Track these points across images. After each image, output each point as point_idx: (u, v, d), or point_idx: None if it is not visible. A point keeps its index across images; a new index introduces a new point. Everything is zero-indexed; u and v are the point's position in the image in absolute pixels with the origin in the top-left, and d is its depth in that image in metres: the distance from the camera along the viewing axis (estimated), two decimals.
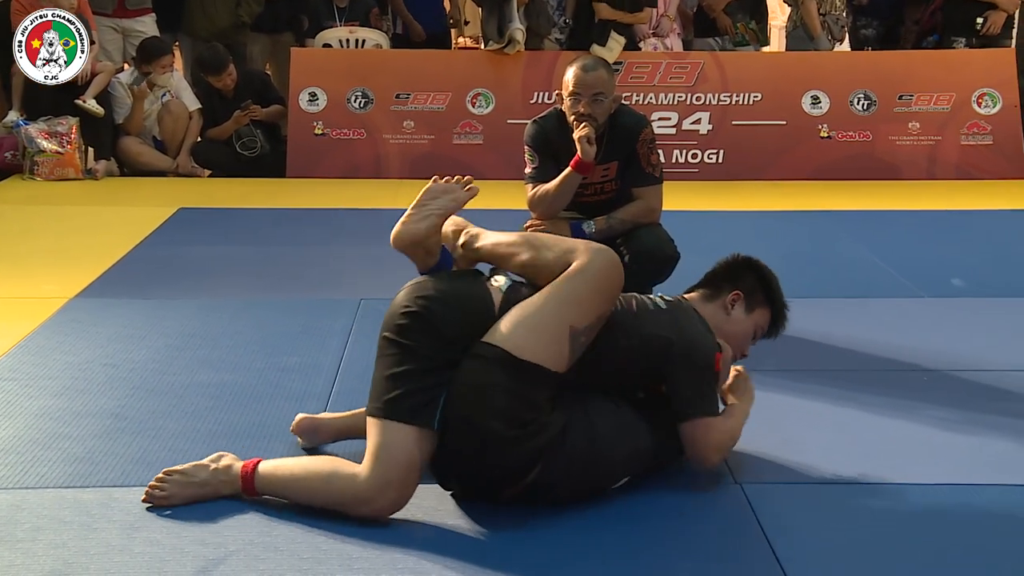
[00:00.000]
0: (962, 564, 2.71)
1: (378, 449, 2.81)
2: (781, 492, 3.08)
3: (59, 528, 2.80)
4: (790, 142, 8.21)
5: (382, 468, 2.80)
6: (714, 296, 3.28)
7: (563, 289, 2.89)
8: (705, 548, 2.79)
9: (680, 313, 3.11)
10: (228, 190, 7.48)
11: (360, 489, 2.81)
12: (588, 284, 2.91)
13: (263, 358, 4.09)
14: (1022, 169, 8.19)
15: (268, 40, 8.87)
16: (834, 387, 3.88)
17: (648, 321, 3.05)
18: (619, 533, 2.83)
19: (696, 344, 3.03)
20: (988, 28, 8.37)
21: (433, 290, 2.92)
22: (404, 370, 2.84)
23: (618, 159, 4.29)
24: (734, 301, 3.26)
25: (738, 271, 3.34)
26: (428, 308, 2.87)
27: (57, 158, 7.61)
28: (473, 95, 8.22)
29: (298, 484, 2.88)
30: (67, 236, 6.09)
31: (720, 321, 3.22)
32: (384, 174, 8.00)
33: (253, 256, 5.70)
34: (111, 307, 4.70)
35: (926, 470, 3.23)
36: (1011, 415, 3.65)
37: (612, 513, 2.93)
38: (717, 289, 3.29)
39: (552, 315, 2.87)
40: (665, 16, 8.61)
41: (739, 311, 3.27)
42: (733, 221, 6.70)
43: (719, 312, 3.24)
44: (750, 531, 2.85)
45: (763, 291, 3.32)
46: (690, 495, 3.06)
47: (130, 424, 3.47)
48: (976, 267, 5.62)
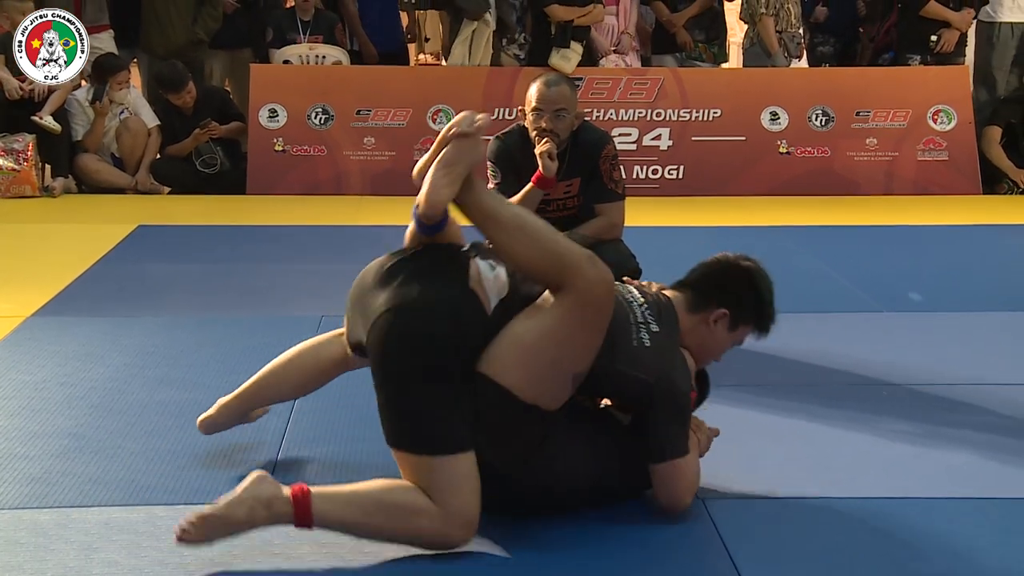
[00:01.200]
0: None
1: (446, 488, 2.68)
2: (743, 507, 3.08)
3: (14, 550, 2.75)
4: (749, 158, 8.26)
5: (460, 505, 2.68)
6: (700, 307, 3.09)
7: (565, 332, 2.75)
8: (668, 564, 2.79)
9: (663, 349, 2.94)
10: (188, 207, 7.44)
11: (444, 530, 2.69)
12: (591, 325, 2.76)
13: (223, 376, 4.05)
14: (977, 185, 8.29)
15: (227, 56, 8.84)
16: (794, 401, 3.90)
17: (625, 357, 2.89)
18: (579, 548, 2.82)
19: (675, 388, 2.92)
20: (942, 46, 8.47)
21: (422, 303, 2.73)
22: (433, 401, 2.71)
23: (580, 175, 4.30)
24: (719, 319, 3.10)
25: (732, 284, 3.15)
26: (430, 334, 2.71)
27: (13, 175, 7.55)
28: (434, 111, 8.22)
29: (368, 522, 2.69)
30: (24, 254, 6.03)
31: (700, 335, 3.10)
32: (345, 191, 7.99)
33: (213, 273, 5.67)
34: (69, 326, 4.66)
35: (887, 483, 3.24)
36: (969, 428, 3.67)
37: (573, 528, 2.92)
38: (705, 301, 3.10)
39: (556, 363, 2.76)
40: (625, 33, 8.65)
41: (722, 328, 3.12)
42: (693, 236, 6.72)
43: (701, 326, 3.09)
44: (712, 546, 2.84)
45: (753, 309, 3.15)
46: (649, 510, 3.05)
47: (88, 444, 3.43)
48: (933, 281, 5.68)
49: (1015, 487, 3.24)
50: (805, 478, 3.27)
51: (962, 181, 8.30)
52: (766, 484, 3.21)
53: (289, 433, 3.52)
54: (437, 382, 2.72)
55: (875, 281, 5.60)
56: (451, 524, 2.69)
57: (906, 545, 2.88)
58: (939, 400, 3.96)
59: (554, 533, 2.89)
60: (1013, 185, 8.20)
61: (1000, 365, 4.35)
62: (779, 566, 2.76)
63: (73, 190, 7.93)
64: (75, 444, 3.42)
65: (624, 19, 8.66)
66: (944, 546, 2.87)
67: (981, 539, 2.92)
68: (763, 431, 3.65)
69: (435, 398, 2.72)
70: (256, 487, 2.65)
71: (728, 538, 2.87)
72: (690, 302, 3.11)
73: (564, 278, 2.75)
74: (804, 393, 3.99)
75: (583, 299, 2.74)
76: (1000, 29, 8.58)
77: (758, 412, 3.82)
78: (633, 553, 2.82)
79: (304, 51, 8.61)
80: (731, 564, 2.75)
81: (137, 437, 3.49)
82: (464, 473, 2.71)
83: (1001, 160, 8.25)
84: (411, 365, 2.72)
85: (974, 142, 8.35)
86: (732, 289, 3.14)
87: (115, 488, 3.12)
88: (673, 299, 3.11)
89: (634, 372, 2.87)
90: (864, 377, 4.19)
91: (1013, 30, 8.59)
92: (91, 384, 3.97)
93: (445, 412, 2.72)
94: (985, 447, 3.52)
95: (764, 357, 4.37)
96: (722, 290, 3.13)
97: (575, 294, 2.74)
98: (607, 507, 3.03)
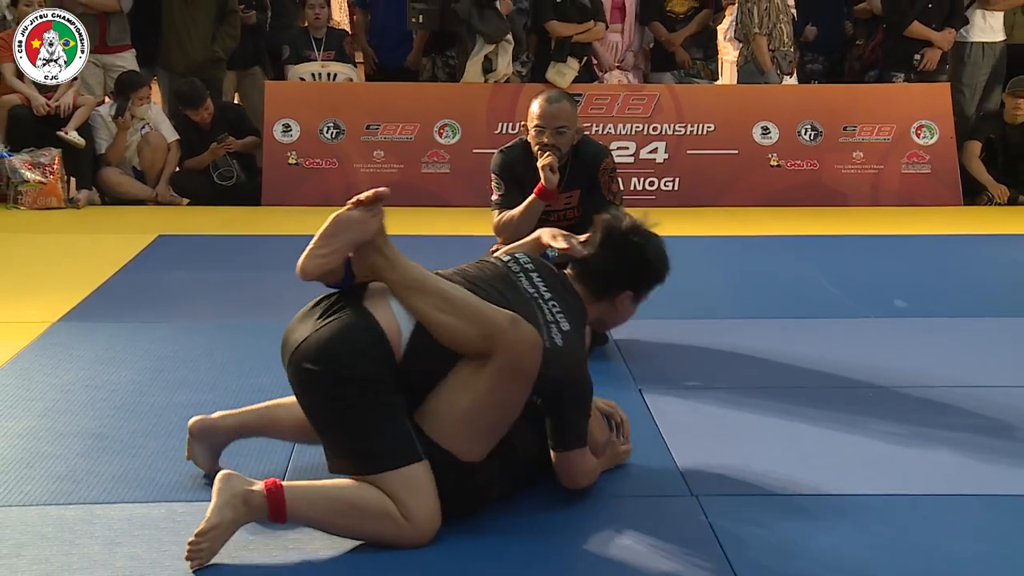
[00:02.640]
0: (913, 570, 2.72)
1: (408, 497, 2.71)
2: (735, 503, 3.08)
3: (42, 544, 2.76)
4: (742, 170, 8.26)
5: (419, 509, 2.71)
6: (604, 294, 3.12)
7: (499, 397, 2.78)
8: (663, 558, 2.79)
9: (573, 347, 2.95)
10: (206, 218, 7.45)
11: (407, 535, 2.71)
12: (522, 385, 2.79)
13: (238, 379, 4.07)
14: (958, 196, 8.29)
15: (236, 75, 8.86)
16: (785, 403, 3.90)
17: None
18: (573, 543, 2.83)
19: (582, 385, 2.96)
20: (925, 64, 8.49)
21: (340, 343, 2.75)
22: (376, 424, 2.74)
23: (580, 187, 4.32)
24: (624, 298, 3.15)
25: (630, 266, 3.14)
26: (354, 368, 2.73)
27: (40, 188, 7.56)
28: (440, 126, 8.23)
29: (339, 520, 2.73)
30: (50, 263, 6.04)
31: (607, 313, 3.15)
32: None
33: (230, 281, 5.67)
34: (92, 331, 4.67)
35: (874, 481, 3.25)
36: (952, 428, 3.68)
37: (563, 523, 2.93)
38: (608, 287, 3.11)
39: (493, 427, 2.82)
40: (629, 51, 8.70)
41: (627, 303, 3.16)
42: (688, 246, 6.70)
43: (607, 308, 3.14)
44: (706, 541, 2.85)
45: (652, 279, 3.19)
46: (646, 507, 3.06)
47: (111, 443, 3.43)
48: (918, 288, 5.67)
49: (996, 484, 3.24)
50: (795, 476, 3.27)
51: (944, 193, 8.30)
52: (758, 481, 3.22)
53: None
54: (358, 407, 2.73)
55: (861, 288, 5.60)
56: (413, 528, 2.72)
57: (892, 540, 2.88)
58: (923, 402, 3.96)
59: (545, 527, 2.90)
60: (992, 197, 8.20)
61: (981, 368, 4.35)
62: (770, 559, 2.76)
63: (96, 202, 7.94)
64: (99, 444, 3.43)
65: (628, 36, 8.69)
66: (928, 540, 2.88)
67: (963, 534, 2.92)
68: (754, 431, 3.65)
69: (361, 422, 2.74)
70: (229, 485, 2.68)
71: (721, 533, 2.87)
72: (594, 292, 3.12)
73: (490, 345, 2.75)
74: (794, 395, 3.99)
75: (511, 364, 2.76)
76: (971, 48, 8.60)
77: (749, 413, 3.82)
78: (628, 547, 2.82)
79: (316, 68, 8.64)
80: (723, 557, 2.75)
81: (158, 437, 3.49)
82: (417, 482, 2.73)
83: (981, 173, 8.25)
84: (326, 397, 2.76)
85: (955, 156, 8.36)
86: (631, 270, 3.14)
87: (137, 486, 3.12)
88: (578, 289, 3.11)
89: (548, 371, 2.85)
90: (851, 380, 4.19)
91: (984, 50, 8.60)
92: (114, 387, 3.98)
93: (384, 428, 2.73)
94: (967, 446, 3.52)
95: (756, 361, 4.38)
96: (622, 275, 3.13)
97: (502, 360, 2.75)
98: (601, 503, 3.04)
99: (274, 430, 3.21)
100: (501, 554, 2.76)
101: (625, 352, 4.44)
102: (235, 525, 2.68)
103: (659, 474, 3.27)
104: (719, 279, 5.93)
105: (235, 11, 8.47)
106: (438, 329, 2.78)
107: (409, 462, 2.73)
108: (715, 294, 5.58)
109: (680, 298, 5.35)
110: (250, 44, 8.79)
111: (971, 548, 2.83)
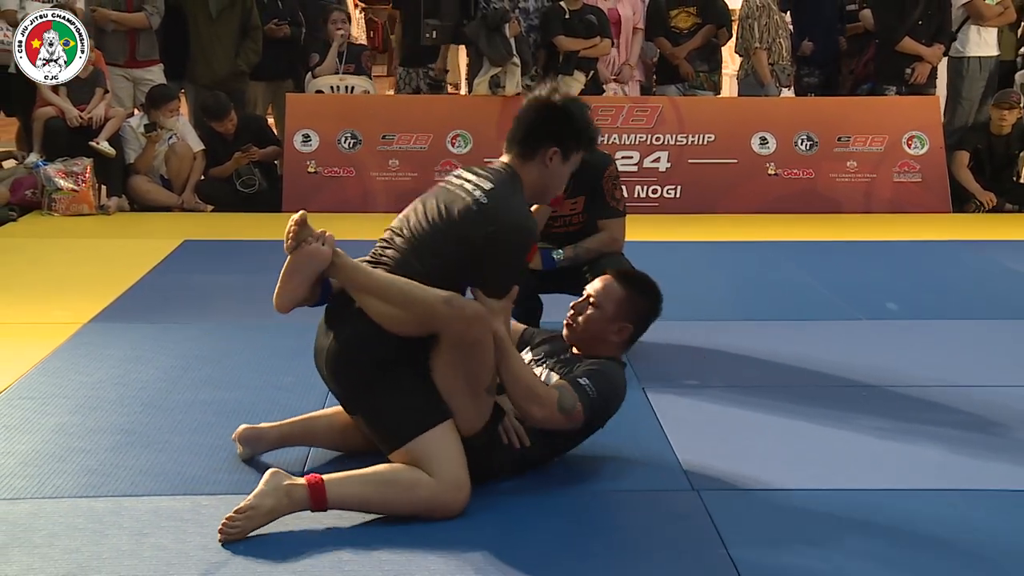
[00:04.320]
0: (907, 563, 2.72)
1: (435, 460, 2.83)
2: (735, 498, 3.08)
3: (73, 534, 2.77)
4: (741, 179, 8.24)
5: (450, 471, 2.83)
6: (532, 155, 3.10)
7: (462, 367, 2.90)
8: (665, 549, 2.78)
9: (499, 200, 2.99)
10: (229, 223, 7.46)
11: (441, 498, 2.82)
12: (474, 352, 2.89)
13: (261, 377, 4.07)
14: (948, 204, 8.26)
15: (269, 87, 8.88)
16: (781, 401, 3.89)
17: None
18: (577, 538, 2.82)
19: (516, 232, 3.01)
20: (915, 78, 8.47)
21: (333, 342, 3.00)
22: (396, 393, 2.90)
23: (585, 193, 4.30)
24: (553, 156, 3.10)
25: (552, 125, 3.10)
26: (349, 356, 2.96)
27: (73, 195, 7.56)
28: (453, 136, 8.23)
29: (375, 498, 2.83)
30: (81, 266, 6.05)
31: (542, 176, 3.12)
32: (371, 208, 7.98)
33: (252, 283, 5.66)
34: (121, 331, 4.67)
35: (867, 476, 3.24)
36: (943, 425, 3.67)
37: (568, 518, 2.92)
38: (535, 148, 3.09)
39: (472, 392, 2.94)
40: (627, 64, 8.66)
41: (557, 163, 3.12)
42: (689, 251, 6.72)
43: (540, 170, 3.11)
44: (707, 533, 2.84)
45: (576, 136, 3.14)
46: (648, 501, 3.06)
47: (139, 439, 3.44)
48: (908, 292, 5.66)
49: (984, 479, 3.23)
50: (792, 471, 3.26)
51: (934, 201, 8.27)
52: (756, 476, 3.21)
53: None
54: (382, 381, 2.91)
55: (855, 291, 5.58)
56: (445, 491, 2.82)
57: (885, 532, 2.87)
58: (913, 400, 3.95)
59: (547, 519, 2.89)
60: (980, 204, 8.18)
61: (969, 368, 4.34)
62: (768, 550, 2.76)
63: (126, 208, 7.95)
64: (127, 439, 3.44)
65: (625, 51, 8.67)
66: (920, 532, 2.87)
67: (953, 526, 2.91)
68: (752, 428, 3.64)
69: (387, 394, 2.90)
70: (275, 479, 2.80)
71: (721, 526, 2.87)
72: (522, 154, 3.11)
73: (431, 325, 2.89)
74: (790, 393, 3.98)
75: (457, 338, 2.89)
76: (969, 63, 8.58)
77: (747, 411, 3.81)
78: (631, 541, 2.82)
79: (335, 81, 8.66)
80: (723, 548, 2.74)
81: (183, 433, 3.50)
82: (446, 441, 2.86)
83: (969, 182, 8.22)
84: (354, 381, 2.94)
85: (945, 165, 8.33)
86: (552, 124, 3.11)
87: (164, 479, 3.13)
88: (510, 161, 3.12)
89: (481, 230, 2.95)
90: (845, 379, 4.18)
91: (981, 63, 8.58)
92: (141, 384, 3.98)
93: (403, 399, 2.89)
94: (956, 442, 3.51)
95: (753, 361, 4.37)
96: (543, 129, 3.10)
97: (449, 337, 2.89)
98: (603, 497, 3.03)
99: (313, 440, 3.32)
100: (501, 545, 2.75)
101: (629, 352, 4.42)
102: (273, 514, 2.76)
103: (661, 469, 3.26)
104: (719, 283, 5.91)
105: (258, 27, 8.49)
106: (383, 320, 2.91)
107: (433, 424, 2.87)
108: (715, 297, 5.57)
109: (681, 301, 5.34)
110: (284, 57, 8.83)
111: (962, 540, 2.83)
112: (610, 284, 3.25)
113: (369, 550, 2.70)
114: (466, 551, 2.70)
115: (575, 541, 2.80)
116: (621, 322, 3.23)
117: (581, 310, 3.24)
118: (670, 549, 2.78)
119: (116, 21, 8.12)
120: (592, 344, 3.23)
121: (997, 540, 2.83)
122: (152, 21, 8.26)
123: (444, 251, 2.97)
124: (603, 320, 3.21)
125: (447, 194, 3.07)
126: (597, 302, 3.23)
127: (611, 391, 3.14)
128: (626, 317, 3.23)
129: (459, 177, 3.13)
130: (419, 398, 2.90)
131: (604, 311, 3.22)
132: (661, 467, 3.28)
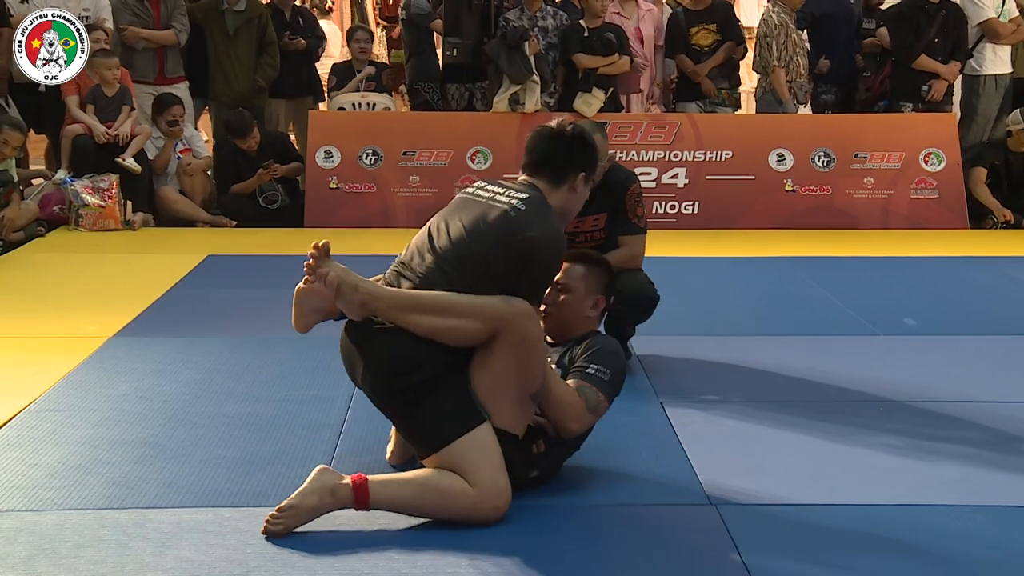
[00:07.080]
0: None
1: (474, 467, 2.84)
2: (752, 513, 3.06)
3: (98, 545, 2.78)
4: (758, 195, 8.23)
5: (491, 478, 2.84)
6: (563, 180, 3.15)
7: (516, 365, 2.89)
8: (683, 562, 2.77)
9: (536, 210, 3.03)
10: (252, 239, 7.48)
11: (480, 507, 2.84)
12: (531, 349, 2.91)
13: (283, 391, 4.08)
14: (965, 220, 8.22)
15: (291, 104, 8.93)
16: (799, 416, 3.87)
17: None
18: (594, 552, 2.81)
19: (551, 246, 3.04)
20: (932, 95, 8.45)
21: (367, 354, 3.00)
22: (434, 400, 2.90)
23: (607, 210, 4.30)
24: (580, 181, 3.18)
25: (576, 151, 3.20)
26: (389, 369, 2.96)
27: (99, 211, 7.61)
28: (472, 152, 8.25)
29: (418, 501, 2.86)
30: (107, 281, 6.08)
31: (568, 201, 3.18)
32: (392, 224, 8.01)
33: (275, 298, 5.66)
34: (146, 345, 4.69)
35: (884, 491, 3.22)
36: (960, 441, 3.64)
37: (585, 531, 2.91)
38: (564, 174, 3.15)
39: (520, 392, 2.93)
40: (656, 85, 8.74)
41: (582, 185, 3.20)
42: (707, 266, 6.70)
43: (566, 194, 3.16)
44: (725, 549, 2.83)
45: (597, 162, 3.34)
46: (667, 515, 3.04)
47: (162, 451, 3.45)
48: (926, 308, 5.63)
49: (1003, 495, 3.20)
50: (811, 486, 3.24)
51: (951, 217, 8.24)
52: (774, 491, 3.19)
53: (341, 443, 3.53)
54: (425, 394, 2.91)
55: (872, 307, 5.56)
56: (486, 498, 2.83)
57: (905, 548, 2.85)
58: (931, 416, 3.93)
59: (564, 532, 2.88)
60: (997, 221, 8.14)
61: (986, 383, 4.31)
62: (786, 565, 2.74)
63: (151, 224, 8.00)
64: (151, 451, 3.45)
65: (652, 70, 8.75)
66: (939, 548, 2.85)
67: (972, 542, 2.89)
68: (770, 443, 3.63)
69: (427, 402, 2.89)
70: (321, 477, 2.84)
71: (740, 541, 2.85)
72: (552, 180, 3.15)
73: (495, 328, 2.87)
74: (808, 408, 3.96)
75: (518, 336, 2.88)
76: (984, 81, 8.55)
77: (765, 426, 3.79)
78: (649, 555, 2.81)
79: (356, 99, 8.70)
80: (742, 563, 2.73)
81: (206, 446, 3.51)
82: (485, 445, 2.86)
83: (987, 198, 8.18)
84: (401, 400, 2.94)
85: (962, 182, 8.29)
86: (578, 154, 3.20)
87: (187, 491, 3.13)
88: (537, 184, 3.14)
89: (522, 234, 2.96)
90: (862, 394, 4.16)
91: (997, 81, 8.56)
92: (165, 398, 4.00)
93: (440, 404, 2.88)
94: (974, 458, 3.49)
95: (771, 375, 4.36)
96: (571, 160, 3.18)
97: (509, 335, 2.88)
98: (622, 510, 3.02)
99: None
100: (517, 557, 2.74)
101: (647, 367, 4.43)
102: (316, 512, 2.82)
103: (679, 484, 3.25)
104: (736, 298, 5.90)
105: (274, 42, 8.55)
106: (446, 335, 2.90)
107: (471, 426, 2.87)
108: (733, 312, 5.55)
109: (699, 316, 5.35)
110: (304, 73, 8.88)
111: (980, 556, 2.80)
112: (569, 268, 3.40)
113: (383, 551, 2.70)
114: (470, 554, 2.70)
115: (593, 554, 2.79)
116: (594, 296, 3.39)
117: (552, 300, 3.34)
118: (688, 564, 2.77)
119: (147, 39, 8.20)
120: (572, 326, 3.36)
121: (1017, 557, 2.81)
122: (180, 38, 8.33)
123: (475, 261, 2.95)
124: (577, 300, 3.36)
125: (475, 205, 3.07)
126: (567, 286, 3.36)
127: (618, 361, 3.22)
128: (596, 290, 3.40)
129: (484, 189, 3.14)
130: (458, 400, 2.90)
131: (576, 292, 3.37)
132: (679, 481, 3.26)
